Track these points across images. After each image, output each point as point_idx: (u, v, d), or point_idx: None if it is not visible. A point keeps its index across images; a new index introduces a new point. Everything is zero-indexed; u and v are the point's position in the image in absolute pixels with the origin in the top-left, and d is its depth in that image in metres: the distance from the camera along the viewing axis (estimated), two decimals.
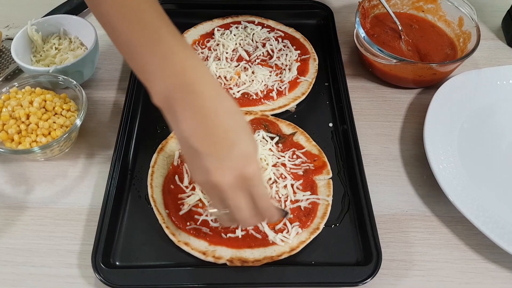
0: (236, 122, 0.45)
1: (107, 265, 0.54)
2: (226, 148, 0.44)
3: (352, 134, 0.67)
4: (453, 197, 0.59)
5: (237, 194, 0.45)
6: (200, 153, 0.44)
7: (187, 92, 0.45)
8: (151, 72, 0.46)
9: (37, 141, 0.61)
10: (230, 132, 0.44)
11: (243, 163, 0.44)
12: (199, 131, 0.44)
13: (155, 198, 0.60)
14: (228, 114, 0.45)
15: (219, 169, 0.43)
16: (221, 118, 0.44)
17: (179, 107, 0.45)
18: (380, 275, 0.53)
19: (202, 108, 0.44)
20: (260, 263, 0.54)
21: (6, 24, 0.86)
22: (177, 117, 0.45)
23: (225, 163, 0.43)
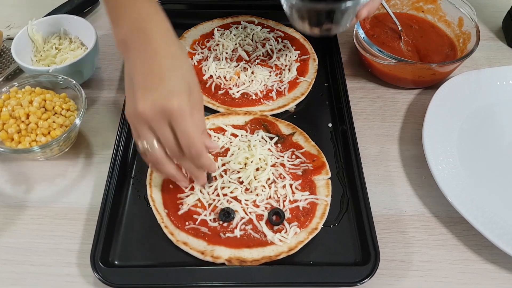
0: (175, 65, 0.50)
1: (106, 264, 0.54)
2: (155, 83, 0.48)
3: (351, 134, 0.67)
4: (452, 198, 0.59)
5: (160, 126, 0.49)
6: (134, 85, 0.49)
7: (138, 36, 0.50)
8: (116, 18, 0.52)
9: (37, 141, 0.62)
10: (164, 71, 0.49)
11: (167, 97, 0.47)
12: (139, 68, 0.49)
13: (154, 197, 0.60)
14: (170, 57, 0.50)
15: (144, 100, 0.48)
16: (161, 59, 0.49)
17: (130, 47, 0.50)
18: (378, 275, 0.53)
19: (148, 50, 0.49)
20: (258, 263, 0.54)
21: (7, 24, 0.86)
22: (127, 56, 0.51)
23: (150, 95, 0.48)
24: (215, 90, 0.73)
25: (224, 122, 0.69)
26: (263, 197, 0.60)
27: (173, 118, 0.48)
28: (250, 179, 0.61)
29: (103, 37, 0.83)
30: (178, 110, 0.47)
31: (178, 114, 0.48)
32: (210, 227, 0.58)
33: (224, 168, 0.63)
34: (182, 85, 0.49)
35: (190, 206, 0.59)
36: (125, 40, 0.51)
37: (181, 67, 0.51)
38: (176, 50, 0.51)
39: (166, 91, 0.48)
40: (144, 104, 0.48)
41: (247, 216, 0.58)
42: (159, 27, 0.51)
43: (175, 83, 0.48)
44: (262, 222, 0.58)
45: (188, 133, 0.49)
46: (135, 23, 0.51)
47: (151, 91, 0.48)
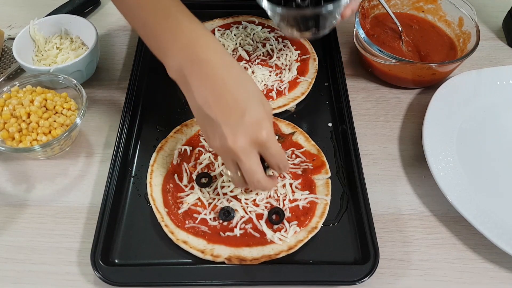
0: (246, 89, 0.49)
1: (106, 263, 0.54)
2: (238, 116, 0.47)
3: (351, 134, 0.67)
4: (452, 197, 0.59)
5: (251, 158, 0.49)
6: (214, 121, 0.48)
7: (196, 62, 0.48)
8: (164, 48, 0.50)
9: (38, 140, 0.62)
10: (239, 100, 0.48)
11: (255, 129, 0.47)
12: (211, 100, 0.48)
13: (155, 196, 0.60)
14: (237, 82, 0.48)
15: (233, 135, 0.47)
16: (230, 86, 0.48)
17: (191, 77, 0.48)
18: (378, 274, 0.53)
19: (212, 77, 0.48)
20: (258, 261, 0.55)
21: (8, 24, 0.87)
22: (190, 87, 0.48)
23: (238, 130, 0.47)
24: None
25: None
26: (263, 196, 0.60)
27: (264, 147, 0.49)
28: None
29: (104, 37, 0.84)
30: (268, 137, 0.48)
31: (269, 141, 0.48)
32: (210, 226, 0.58)
33: (224, 167, 0.63)
34: (262, 110, 0.48)
35: (190, 205, 0.59)
36: (181, 69, 0.49)
37: (252, 89, 0.50)
38: (240, 72, 0.50)
39: (252, 122, 0.47)
40: (233, 140, 0.47)
41: (247, 215, 0.59)
42: (215, 49, 0.49)
43: (255, 111, 0.48)
44: (262, 221, 0.58)
45: (278, 153, 0.50)
46: (188, 48, 0.49)
47: (238, 126, 0.47)
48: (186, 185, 0.61)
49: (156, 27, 0.51)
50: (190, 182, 0.62)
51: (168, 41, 0.50)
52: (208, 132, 0.50)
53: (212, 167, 0.63)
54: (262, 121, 0.48)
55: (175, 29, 0.50)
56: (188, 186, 0.61)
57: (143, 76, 0.75)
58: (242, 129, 0.47)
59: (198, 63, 0.48)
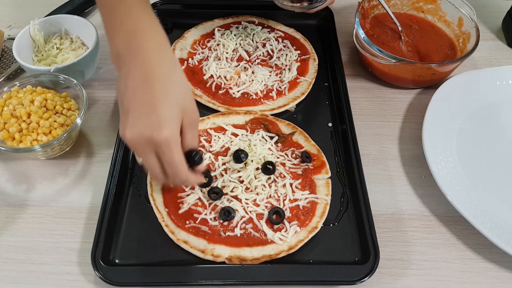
0: (168, 88, 0.48)
1: (106, 263, 0.54)
2: (145, 111, 0.47)
3: (351, 134, 0.67)
4: (452, 197, 0.59)
5: (146, 154, 0.48)
6: (126, 109, 0.48)
7: (132, 51, 0.49)
8: (111, 33, 0.51)
9: (38, 140, 0.62)
10: (156, 98, 0.47)
11: (155, 128, 0.46)
12: (130, 90, 0.48)
13: (155, 196, 0.60)
14: (162, 79, 0.48)
15: (131, 127, 0.47)
16: (154, 81, 0.48)
17: (124, 64, 0.49)
18: (378, 274, 0.54)
19: (140, 68, 0.48)
20: (258, 261, 0.55)
21: (8, 24, 0.86)
22: (120, 73, 0.50)
23: (138, 123, 0.47)
24: (216, 90, 0.74)
25: (225, 121, 0.69)
26: (263, 196, 0.60)
27: (160, 149, 0.48)
28: (251, 178, 0.61)
29: (104, 37, 0.82)
30: (165, 141, 0.47)
31: (164, 146, 0.47)
32: (211, 226, 0.58)
33: (225, 167, 0.63)
34: (173, 112, 0.47)
35: (191, 205, 0.59)
36: (119, 56, 0.50)
37: (174, 89, 0.49)
38: (169, 68, 0.50)
39: (154, 121, 0.46)
40: (131, 131, 0.47)
41: (247, 215, 0.59)
42: (153, 41, 0.50)
43: (166, 111, 0.47)
44: (262, 221, 0.58)
45: (174, 164, 0.49)
46: (129, 37, 0.49)
47: (141, 119, 0.47)
48: (186, 185, 0.61)
49: (111, 13, 0.51)
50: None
51: (116, 27, 0.50)
52: (120, 119, 0.50)
53: (212, 167, 0.63)
54: (167, 123, 0.47)
55: (124, 16, 0.50)
56: (188, 186, 0.61)
57: None
58: (142, 124, 0.47)
59: (133, 51, 0.48)
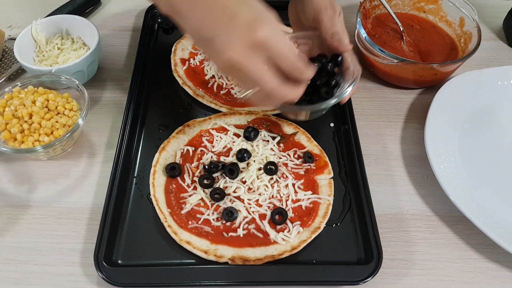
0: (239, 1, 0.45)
1: (109, 264, 0.54)
2: (227, 24, 0.43)
3: (353, 134, 0.67)
4: (454, 197, 0.59)
5: (254, 62, 0.44)
6: (209, 39, 0.44)
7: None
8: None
9: (40, 141, 0.62)
10: (228, 7, 0.44)
11: (248, 31, 0.43)
12: (203, 19, 0.45)
13: (157, 197, 0.60)
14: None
15: (228, 46, 0.43)
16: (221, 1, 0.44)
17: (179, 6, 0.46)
18: (381, 274, 0.54)
19: None
20: (261, 262, 0.55)
21: (8, 24, 0.86)
22: (182, 16, 0.46)
23: (231, 38, 0.43)
24: (217, 90, 0.74)
25: (227, 121, 0.69)
26: (266, 196, 0.60)
27: (267, 47, 0.43)
28: (253, 179, 0.61)
29: (105, 37, 0.83)
30: (266, 36, 0.43)
31: (270, 40, 0.43)
32: (213, 227, 0.58)
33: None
34: (254, 11, 0.44)
35: (193, 206, 0.59)
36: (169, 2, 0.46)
37: None
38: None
39: (244, 25, 0.43)
40: (231, 50, 0.43)
41: (250, 215, 0.59)
42: None
43: (247, 13, 0.43)
44: (265, 221, 0.58)
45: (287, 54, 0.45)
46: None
47: (230, 33, 0.43)
48: (188, 185, 0.61)
49: None
50: (193, 182, 0.62)
51: None
52: (209, 54, 0.46)
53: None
54: (256, 20, 0.43)
55: None
56: (190, 187, 0.61)
57: (145, 76, 0.75)
58: (235, 35, 0.43)
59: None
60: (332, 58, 0.60)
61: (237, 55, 0.43)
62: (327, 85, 0.59)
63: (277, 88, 0.46)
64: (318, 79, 0.58)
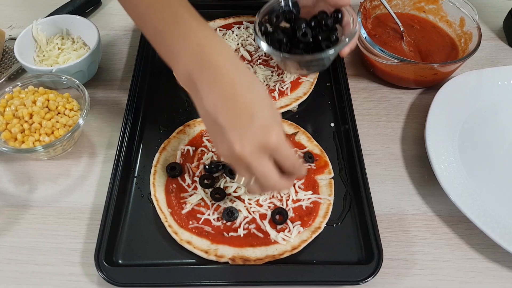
0: (254, 94, 0.47)
1: (109, 263, 0.54)
2: (246, 121, 0.45)
3: (353, 134, 0.67)
4: (454, 197, 0.59)
5: (261, 162, 0.46)
6: (222, 127, 0.46)
7: (205, 68, 0.47)
8: (173, 53, 0.49)
9: (40, 140, 0.62)
10: (248, 105, 0.46)
11: (263, 134, 0.45)
12: (220, 106, 0.46)
13: (158, 197, 0.60)
14: (246, 86, 0.47)
15: (241, 141, 0.45)
16: (239, 90, 0.46)
17: (200, 82, 0.47)
18: (382, 274, 0.54)
19: (221, 82, 0.46)
20: (262, 261, 0.55)
21: (9, 24, 0.86)
22: (199, 93, 0.47)
23: (246, 135, 0.45)
24: None
25: None
26: (266, 196, 0.60)
27: (274, 151, 0.46)
28: None
29: (105, 37, 0.83)
30: (278, 141, 0.46)
31: (279, 145, 0.46)
32: (214, 226, 0.58)
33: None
34: (270, 113, 0.47)
35: (194, 206, 0.59)
36: (190, 75, 0.47)
37: (261, 94, 0.48)
38: (249, 75, 0.48)
39: (260, 127, 0.45)
40: (242, 146, 0.45)
41: (250, 215, 0.59)
42: (224, 53, 0.48)
43: (265, 116, 0.46)
44: (265, 221, 0.58)
45: (290, 156, 0.48)
46: (197, 53, 0.47)
47: (245, 131, 0.45)
48: (189, 185, 0.61)
49: (166, 33, 0.49)
50: (193, 182, 0.62)
51: (177, 46, 0.49)
52: (217, 139, 0.48)
53: None
54: (271, 125, 0.46)
55: (184, 34, 0.48)
56: (191, 187, 0.61)
57: (145, 76, 0.75)
58: (250, 134, 0.45)
59: (208, 67, 0.47)
60: (332, 14, 0.64)
61: (247, 153, 0.45)
62: (327, 40, 0.63)
63: (277, 183, 0.49)
64: (319, 34, 0.63)
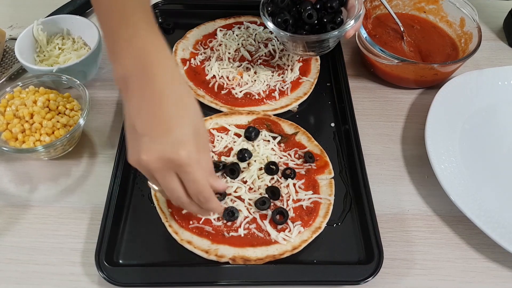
0: (181, 109, 0.47)
1: (110, 263, 0.54)
2: (161, 132, 0.45)
3: (354, 134, 0.67)
4: (455, 197, 0.59)
5: (166, 176, 0.46)
6: (137, 132, 0.46)
7: (141, 74, 0.47)
8: (116, 53, 0.49)
9: (41, 140, 0.62)
10: (170, 118, 0.46)
11: (172, 148, 0.45)
12: (143, 112, 0.46)
13: (158, 197, 0.60)
14: (174, 100, 0.46)
15: (149, 151, 0.45)
16: (165, 103, 0.46)
17: (132, 87, 0.47)
18: (382, 274, 0.54)
19: (151, 91, 0.46)
20: (262, 261, 0.55)
21: (9, 24, 0.86)
22: (128, 96, 0.47)
23: (155, 146, 0.45)
24: (218, 90, 0.74)
25: (227, 121, 0.69)
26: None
27: (180, 169, 0.45)
28: (254, 179, 0.61)
29: None
30: (186, 160, 0.45)
31: (186, 165, 0.45)
32: (214, 226, 0.58)
33: None
34: (189, 132, 0.46)
35: None
36: (126, 77, 0.47)
37: (188, 111, 0.47)
38: (182, 91, 0.48)
39: (173, 141, 0.45)
40: (148, 154, 0.45)
41: (251, 215, 0.59)
42: (164, 64, 0.48)
43: (182, 132, 0.45)
44: (266, 221, 0.58)
45: (197, 182, 0.47)
46: (138, 58, 0.47)
47: (157, 141, 0.45)
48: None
49: (116, 33, 0.49)
50: None
51: (122, 48, 0.48)
52: (129, 144, 0.47)
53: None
54: (185, 142, 0.45)
55: (131, 38, 0.48)
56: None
57: None
58: (160, 144, 0.44)
59: (143, 74, 0.46)
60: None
61: (152, 163, 0.45)
62: (332, 22, 0.65)
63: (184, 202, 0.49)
64: (324, 17, 0.66)
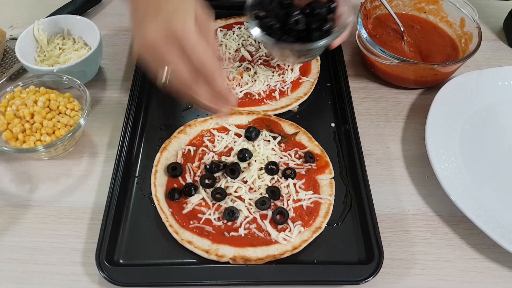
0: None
1: (110, 263, 0.54)
2: (155, 10, 0.48)
3: (354, 134, 0.67)
4: (455, 197, 0.59)
5: (170, 52, 0.48)
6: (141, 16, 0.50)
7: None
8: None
9: (41, 140, 0.62)
10: None
11: (169, 19, 0.47)
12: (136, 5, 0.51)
13: (159, 197, 0.60)
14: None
15: (150, 28, 0.48)
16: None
17: None
18: (382, 274, 0.54)
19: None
20: (262, 261, 0.55)
21: (10, 24, 0.86)
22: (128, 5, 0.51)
23: (154, 22, 0.48)
24: None
25: (228, 121, 0.69)
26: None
27: (180, 40, 0.47)
28: (254, 179, 0.61)
29: (106, 37, 0.83)
30: (182, 30, 0.47)
31: (183, 34, 0.47)
32: (215, 226, 0.58)
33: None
34: (183, 7, 0.48)
35: (194, 205, 0.59)
36: None
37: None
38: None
39: (167, 14, 0.47)
40: (151, 31, 0.48)
41: (251, 215, 0.59)
42: None
43: (175, 5, 0.48)
44: (266, 221, 0.58)
45: (197, 53, 0.48)
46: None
47: (154, 19, 0.48)
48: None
49: None
50: (194, 182, 0.62)
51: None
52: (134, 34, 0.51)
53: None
54: (178, 13, 0.48)
55: None
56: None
57: (146, 76, 0.75)
58: (157, 20, 0.48)
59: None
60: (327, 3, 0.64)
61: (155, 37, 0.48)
62: (319, 30, 0.63)
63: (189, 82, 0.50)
64: (312, 23, 0.62)
